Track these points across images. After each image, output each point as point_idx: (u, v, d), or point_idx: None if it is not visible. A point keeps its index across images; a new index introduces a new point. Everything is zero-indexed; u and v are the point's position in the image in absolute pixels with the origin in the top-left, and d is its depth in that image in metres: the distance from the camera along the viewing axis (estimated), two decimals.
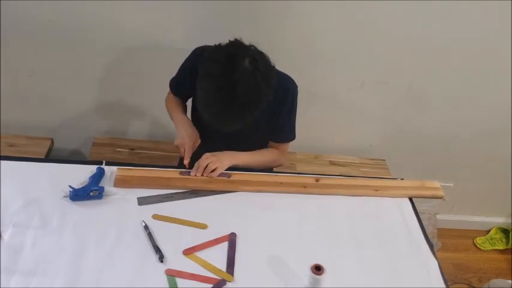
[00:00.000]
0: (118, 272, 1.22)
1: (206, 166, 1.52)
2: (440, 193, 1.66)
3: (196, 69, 1.53)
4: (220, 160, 1.54)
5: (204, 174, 1.53)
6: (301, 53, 1.78)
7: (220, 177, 1.54)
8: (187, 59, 1.60)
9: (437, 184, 1.67)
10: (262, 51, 1.38)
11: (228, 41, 1.37)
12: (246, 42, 1.37)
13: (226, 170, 1.55)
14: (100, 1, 1.80)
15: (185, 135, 1.55)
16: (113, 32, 1.89)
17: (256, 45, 1.37)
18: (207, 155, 1.54)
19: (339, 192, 1.58)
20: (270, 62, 1.39)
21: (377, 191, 1.60)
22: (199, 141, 1.57)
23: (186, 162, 1.54)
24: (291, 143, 1.71)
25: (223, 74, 1.30)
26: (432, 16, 1.90)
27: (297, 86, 1.59)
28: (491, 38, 1.97)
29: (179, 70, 1.64)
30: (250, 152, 1.64)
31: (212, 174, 1.53)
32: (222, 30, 1.38)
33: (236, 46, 1.36)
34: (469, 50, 2.01)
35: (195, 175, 1.53)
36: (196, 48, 1.59)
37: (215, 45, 1.38)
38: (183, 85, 1.64)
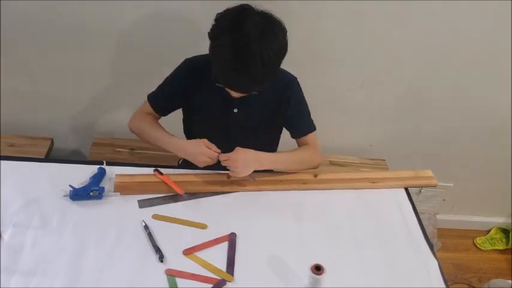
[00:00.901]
0: (118, 272, 1.22)
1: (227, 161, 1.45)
2: (434, 181, 1.69)
3: (189, 76, 1.52)
4: (244, 170, 1.45)
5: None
6: (301, 53, 1.78)
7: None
8: (176, 70, 1.57)
9: (430, 173, 1.71)
10: None
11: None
12: None
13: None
14: (100, 1, 1.80)
15: (200, 148, 1.46)
16: (113, 32, 1.89)
17: None
18: (233, 157, 1.44)
19: (337, 186, 1.59)
20: (278, 18, 1.37)
21: (374, 183, 1.62)
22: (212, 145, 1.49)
23: (217, 150, 1.46)
24: (291, 138, 1.67)
25: (235, 27, 1.28)
26: (432, 16, 1.90)
27: (295, 77, 1.59)
28: (491, 38, 1.97)
29: (166, 82, 1.58)
30: (281, 152, 1.58)
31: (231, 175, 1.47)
32: None
33: (242, 5, 1.35)
34: (469, 50, 2.01)
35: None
36: (185, 59, 1.56)
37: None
38: (171, 98, 1.59)
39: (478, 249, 2.71)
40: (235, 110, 1.55)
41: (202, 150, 1.46)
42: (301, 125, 1.64)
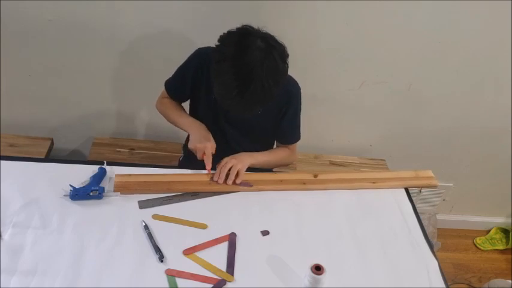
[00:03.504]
0: (118, 272, 1.22)
1: (229, 170, 1.50)
2: (435, 182, 1.68)
3: (199, 69, 1.53)
4: (241, 160, 1.52)
5: (228, 181, 1.50)
6: (301, 53, 1.78)
7: (242, 187, 1.52)
8: (189, 59, 1.59)
9: (430, 173, 1.71)
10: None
11: (235, 28, 1.37)
12: None
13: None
14: (100, 1, 1.80)
15: (204, 139, 1.53)
16: (113, 31, 1.89)
17: None
18: (226, 159, 1.52)
19: (337, 186, 1.59)
20: (279, 41, 1.37)
21: (374, 183, 1.62)
22: (215, 145, 1.54)
23: (209, 168, 1.51)
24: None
25: (238, 55, 1.29)
26: (432, 16, 1.90)
27: (299, 88, 1.60)
28: (492, 38, 1.97)
29: (178, 71, 1.62)
30: (265, 152, 1.64)
31: (238, 179, 1.51)
32: (221, 31, 1.38)
33: (245, 29, 1.35)
34: (469, 50, 2.01)
35: (217, 181, 1.50)
36: (199, 49, 1.58)
37: (224, 32, 1.37)
38: (182, 87, 1.63)
39: (478, 249, 2.71)
40: None
41: (201, 148, 1.51)
42: (290, 136, 1.70)
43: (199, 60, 1.55)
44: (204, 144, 1.51)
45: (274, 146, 1.79)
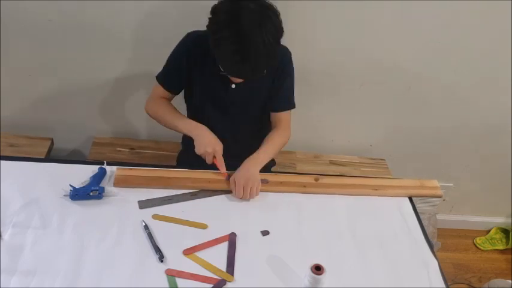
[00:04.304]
0: (118, 272, 1.22)
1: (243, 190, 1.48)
2: (439, 192, 1.65)
3: (191, 51, 1.53)
4: (253, 178, 1.49)
5: (249, 198, 1.49)
6: (301, 53, 1.78)
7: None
8: (180, 44, 1.58)
9: (436, 183, 1.67)
10: None
11: None
12: None
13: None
14: (100, 1, 1.80)
15: (212, 143, 1.52)
16: (113, 31, 1.89)
17: None
18: (240, 182, 1.47)
19: (338, 191, 1.58)
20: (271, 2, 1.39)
21: (376, 190, 1.60)
22: (222, 145, 1.54)
23: (224, 171, 1.51)
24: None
25: (233, 20, 1.30)
26: (432, 16, 1.90)
27: (290, 53, 1.61)
28: (492, 38, 1.97)
29: (170, 60, 1.61)
30: (264, 148, 1.60)
31: (256, 195, 1.50)
32: None
33: None
34: (469, 50, 2.01)
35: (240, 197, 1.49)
36: (188, 33, 1.57)
37: (214, 4, 1.38)
38: (178, 75, 1.60)
39: (478, 249, 2.71)
40: (233, 86, 1.57)
41: (211, 152, 1.50)
42: (282, 98, 1.66)
43: (191, 41, 1.55)
44: (213, 148, 1.50)
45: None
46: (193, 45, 1.55)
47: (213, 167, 1.54)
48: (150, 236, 1.32)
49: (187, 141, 1.60)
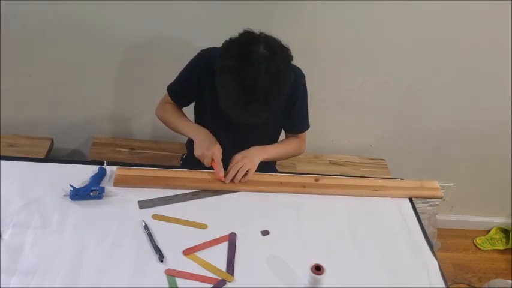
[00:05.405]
0: (118, 272, 1.22)
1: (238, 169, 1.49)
2: (440, 193, 1.65)
3: (203, 71, 1.52)
4: (252, 160, 1.51)
5: (235, 180, 1.50)
6: (301, 53, 1.77)
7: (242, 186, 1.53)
8: (192, 61, 1.58)
9: (436, 184, 1.67)
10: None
11: (237, 34, 1.35)
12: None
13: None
14: (100, 1, 1.80)
15: (210, 145, 1.51)
16: (114, 31, 1.89)
17: None
18: (237, 157, 1.51)
19: (338, 192, 1.58)
20: (283, 44, 1.36)
21: (376, 191, 1.60)
22: (221, 149, 1.53)
23: (222, 174, 1.50)
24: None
25: (241, 64, 1.28)
26: (432, 16, 1.90)
27: (304, 75, 1.60)
28: (492, 38, 1.97)
29: (182, 74, 1.61)
30: (275, 145, 1.63)
31: (246, 178, 1.51)
32: (221, 32, 1.38)
33: (247, 35, 1.34)
34: (469, 50, 2.01)
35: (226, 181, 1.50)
36: (202, 50, 1.56)
37: (226, 40, 1.36)
38: (187, 90, 1.61)
39: (478, 249, 2.71)
40: None
41: (209, 154, 1.49)
42: (300, 124, 1.69)
43: (203, 61, 1.54)
44: (212, 150, 1.50)
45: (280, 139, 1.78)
46: (204, 64, 1.52)
47: (213, 169, 1.53)
48: (150, 236, 1.32)
49: (191, 146, 1.60)
